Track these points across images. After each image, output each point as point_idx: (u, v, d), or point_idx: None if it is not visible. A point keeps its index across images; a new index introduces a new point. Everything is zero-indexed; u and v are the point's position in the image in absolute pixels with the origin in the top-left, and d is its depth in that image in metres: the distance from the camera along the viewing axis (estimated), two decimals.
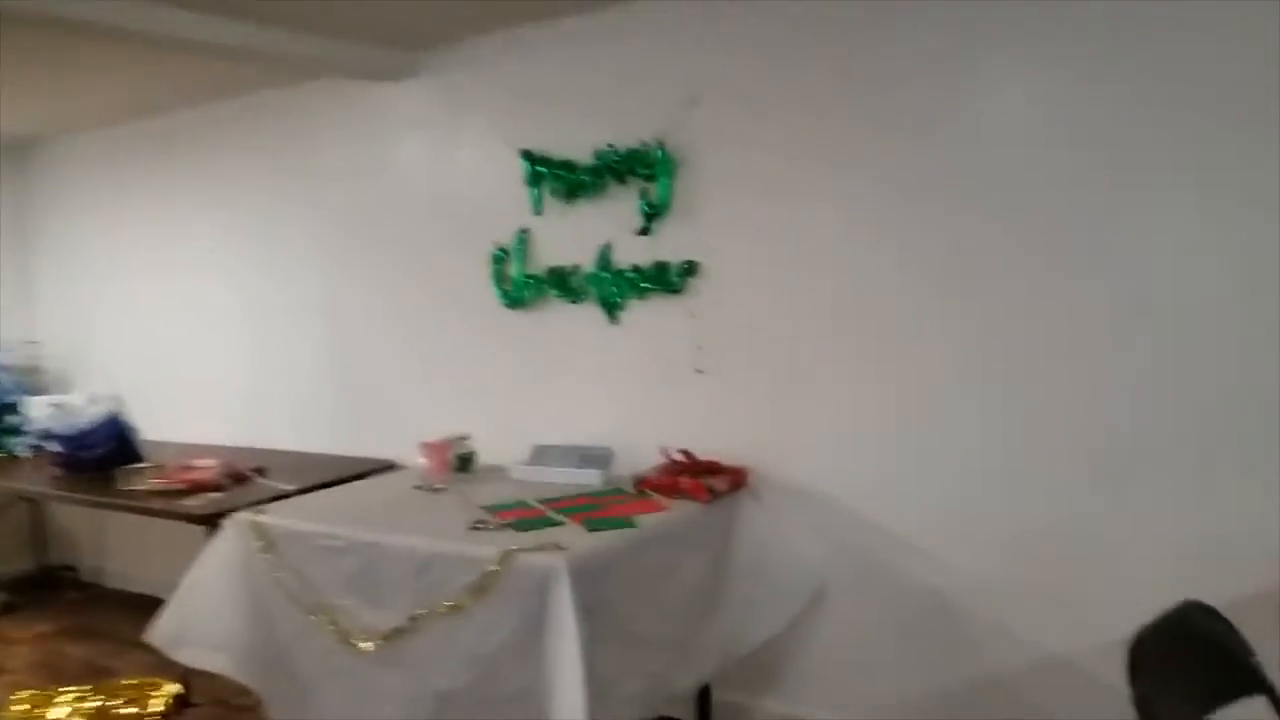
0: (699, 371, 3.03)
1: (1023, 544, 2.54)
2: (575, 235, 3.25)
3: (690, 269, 3.01)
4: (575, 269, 3.26)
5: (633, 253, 3.13)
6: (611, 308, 3.19)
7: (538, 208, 3.29)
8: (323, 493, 3.09)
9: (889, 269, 2.71)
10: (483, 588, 2.18)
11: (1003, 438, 2.57)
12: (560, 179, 3.22)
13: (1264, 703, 1.40)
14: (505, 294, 3.41)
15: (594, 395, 3.28)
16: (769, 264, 2.90)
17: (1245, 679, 1.37)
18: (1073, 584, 2.48)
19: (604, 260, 3.18)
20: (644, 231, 3.08)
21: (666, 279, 3.05)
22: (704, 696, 2.75)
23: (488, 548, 2.22)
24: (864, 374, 2.77)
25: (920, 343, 2.67)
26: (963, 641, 2.64)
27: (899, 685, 2.77)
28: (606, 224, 3.18)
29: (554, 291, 3.29)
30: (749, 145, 2.90)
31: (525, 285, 3.35)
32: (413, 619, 2.29)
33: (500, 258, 3.41)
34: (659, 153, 2.99)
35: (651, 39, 3.03)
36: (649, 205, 3.04)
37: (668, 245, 3.06)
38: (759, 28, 2.83)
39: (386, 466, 3.61)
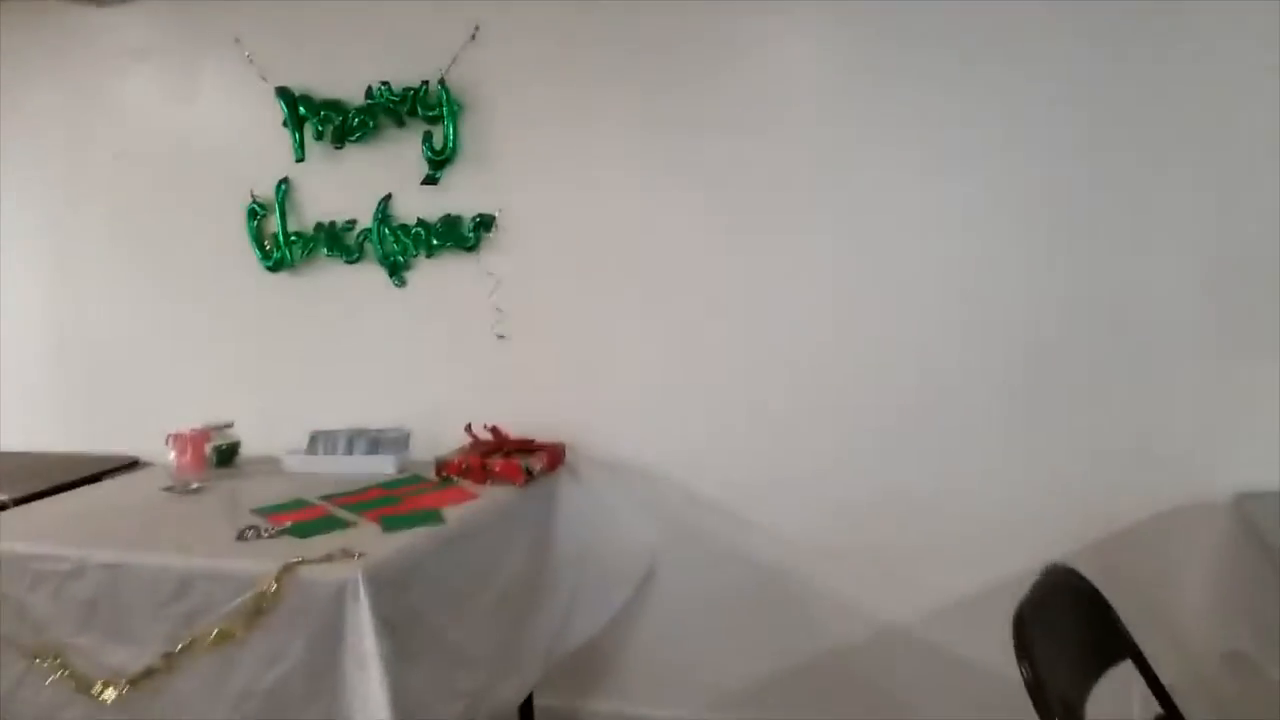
0: (501, 337, 2.73)
1: (853, 512, 2.46)
2: (348, 186, 2.83)
3: (485, 222, 2.69)
4: (350, 224, 2.84)
5: (418, 205, 2.76)
6: (396, 268, 2.81)
7: (300, 154, 2.83)
8: (48, 501, 2.53)
9: (693, 221, 2.53)
10: (258, 611, 1.80)
11: (826, 406, 2.47)
12: (326, 121, 2.78)
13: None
14: (266, 255, 2.94)
15: (382, 370, 2.90)
16: (570, 216, 2.64)
17: (1118, 643, 1.31)
18: (904, 551, 2.43)
19: (383, 213, 2.79)
20: (430, 180, 2.71)
21: (458, 234, 2.71)
22: (525, 704, 2.51)
23: (261, 561, 1.85)
24: (676, 337, 2.58)
25: (731, 306, 2.51)
26: (800, 618, 2.54)
27: (737, 669, 2.63)
28: (385, 173, 2.78)
29: (325, 251, 2.86)
30: (542, 83, 2.60)
31: (290, 244, 2.90)
32: (169, 656, 1.88)
33: (257, 212, 2.92)
34: (442, 92, 2.63)
35: None
36: (434, 151, 2.67)
37: (458, 196, 2.72)
38: None
39: (130, 464, 3.05)
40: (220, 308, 3.06)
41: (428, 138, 2.67)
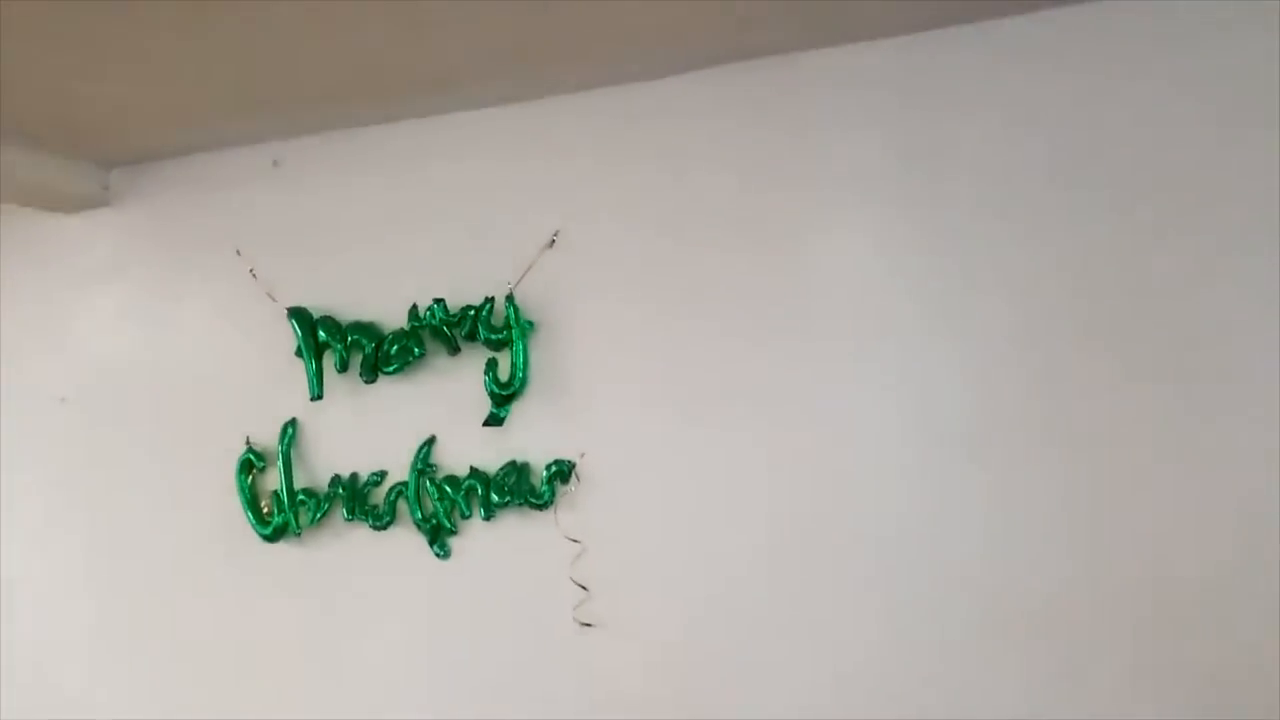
0: (585, 625, 2.05)
1: None
2: (379, 429, 2.21)
3: (562, 471, 2.07)
4: (379, 478, 2.20)
5: (472, 450, 2.14)
6: (439, 533, 2.15)
7: (317, 390, 2.22)
8: None
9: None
10: None
11: None
12: (355, 348, 2.19)
13: None
14: (264, 520, 2.25)
15: (418, 678, 2.17)
16: (673, 460, 2.04)
17: None
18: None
19: (425, 462, 2.16)
20: (494, 420, 2.11)
21: (527, 487, 2.08)
22: None
23: None
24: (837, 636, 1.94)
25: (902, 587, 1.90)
26: None
27: None
28: (428, 411, 2.18)
29: (345, 513, 2.19)
30: (631, 296, 2.07)
31: (297, 505, 2.22)
32: None
33: (253, 465, 2.26)
34: (511, 309, 2.08)
35: (492, 153, 2.17)
36: (498, 384, 2.09)
37: (526, 437, 2.11)
38: (627, 146, 2.09)
39: None
40: (198, 592, 2.33)
41: (491, 366, 2.09)
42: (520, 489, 2.08)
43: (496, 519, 2.11)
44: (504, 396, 2.08)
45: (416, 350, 2.14)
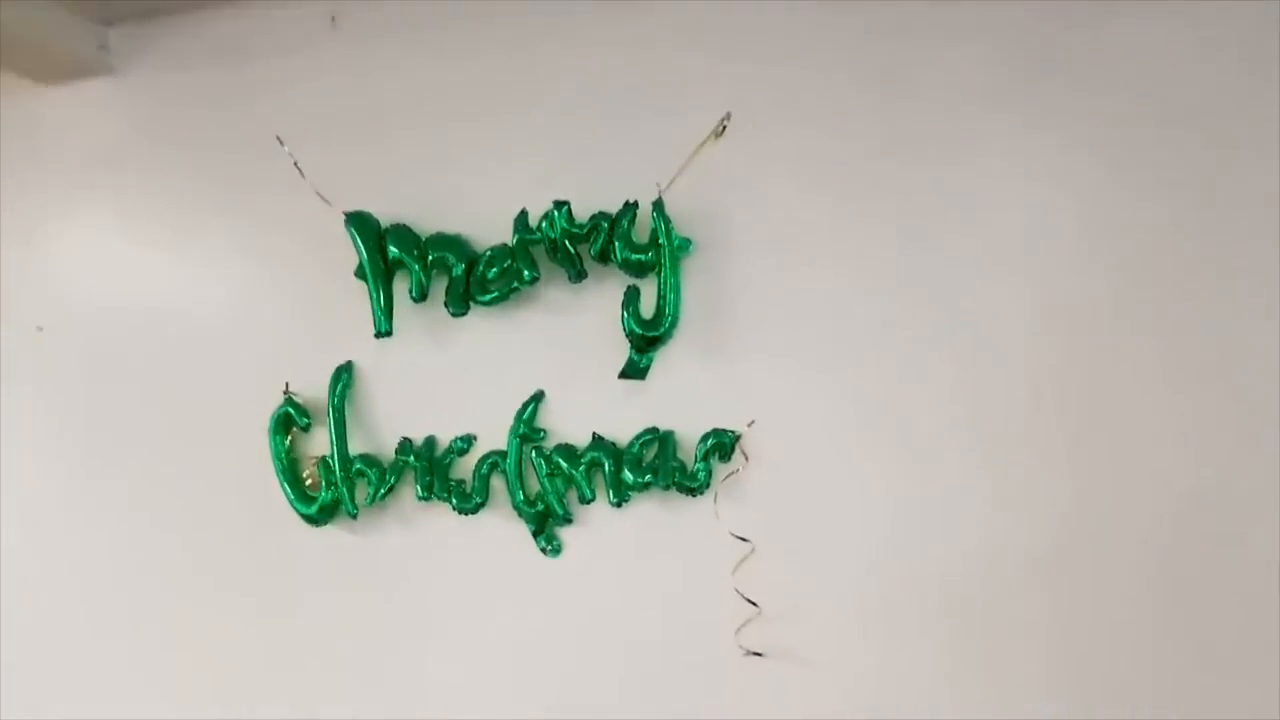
0: (753, 655, 1.51)
1: None
2: (468, 378, 1.66)
3: (722, 444, 1.52)
4: (465, 444, 1.64)
5: (595, 411, 1.59)
6: (546, 522, 1.60)
7: (385, 324, 1.65)
8: None
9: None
10: None
11: None
12: (439, 269, 1.62)
13: None
14: (306, 497, 1.69)
15: (504, 708, 1.63)
16: (886, 429, 1.49)
17: None
18: None
19: (529, 426, 1.60)
20: (634, 371, 1.55)
21: (672, 464, 1.53)
22: None
23: None
24: None
25: None
26: None
27: None
28: (539, 355, 1.63)
29: (419, 491, 1.64)
30: (809, 210, 1.52)
31: (352, 476, 1.67)
32: None
33: (293, 422, 1.70)
34: (659, 220, 1.51)
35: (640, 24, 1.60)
36: (641, 322, 1.53)
37: (672, 397, 1.56)
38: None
39: None
40: (221, 593, 1.78)
41: (631, 298, 1.53)
42: (664, 466, 1.53)
43: (629, 506, 1.56)
44: (647, 339, 1.52)
45: (526, 273, 1.57)
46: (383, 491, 1.65)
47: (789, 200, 1.53)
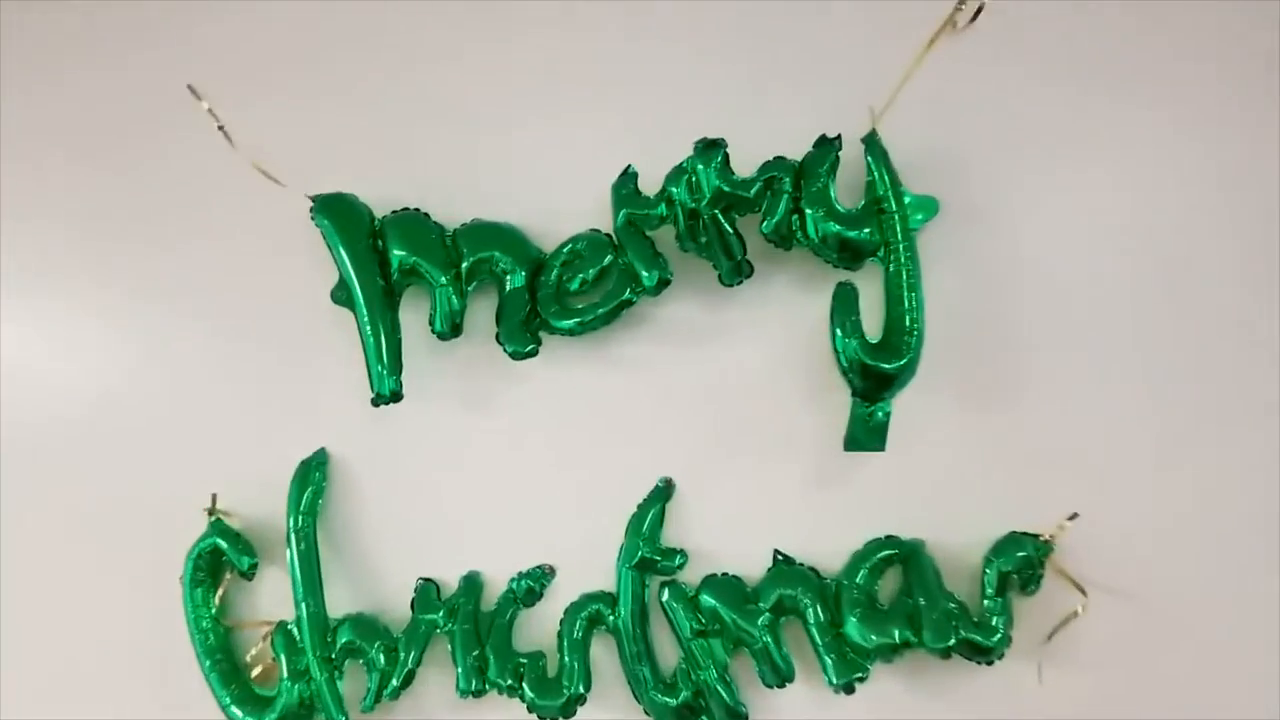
0: None
1: None
2: (534, 462, 0.95)
3: (1031, 564, 0.83)
4: (536, 583, 0.93)
5: (780, 514, 0.90)
6: None
7: (386, 382, 0.92)
8: None
9: None
10: None
11: None
12: (484, 279, 0.93)
13: None
14: (254, 699, 0.94)
15: None
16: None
17: None
18: None
19: (653, 543, 0.90)
20: (865, 435, 0.85)
21: (946, 609, 0.83)
22: None
23: None
24: None
25: None
26: None
27: None
28: (667, 417, 0.93)
29: (465, 678, 0.90)
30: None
31: (336, 655, 0.92)
32: None
33: (226, 562, 0.96)
34: (877, 168, 0.85)
35: None
36: (866, 348, 0.83)
37: (913, 479, 0.88)
38: None
39: None
40: None
41: (845, 304, 0.84)
42: (930, 611, 0.83)
43: (866, 689, 0.85)
44: (881, 377, 0.84)
45: (645, 275, 0.88)
46: (395, 683, 0.91)
47: (1104, 124, 0.89)
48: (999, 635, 0.82)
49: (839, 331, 0.83)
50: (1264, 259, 0.87)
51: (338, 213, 0.94)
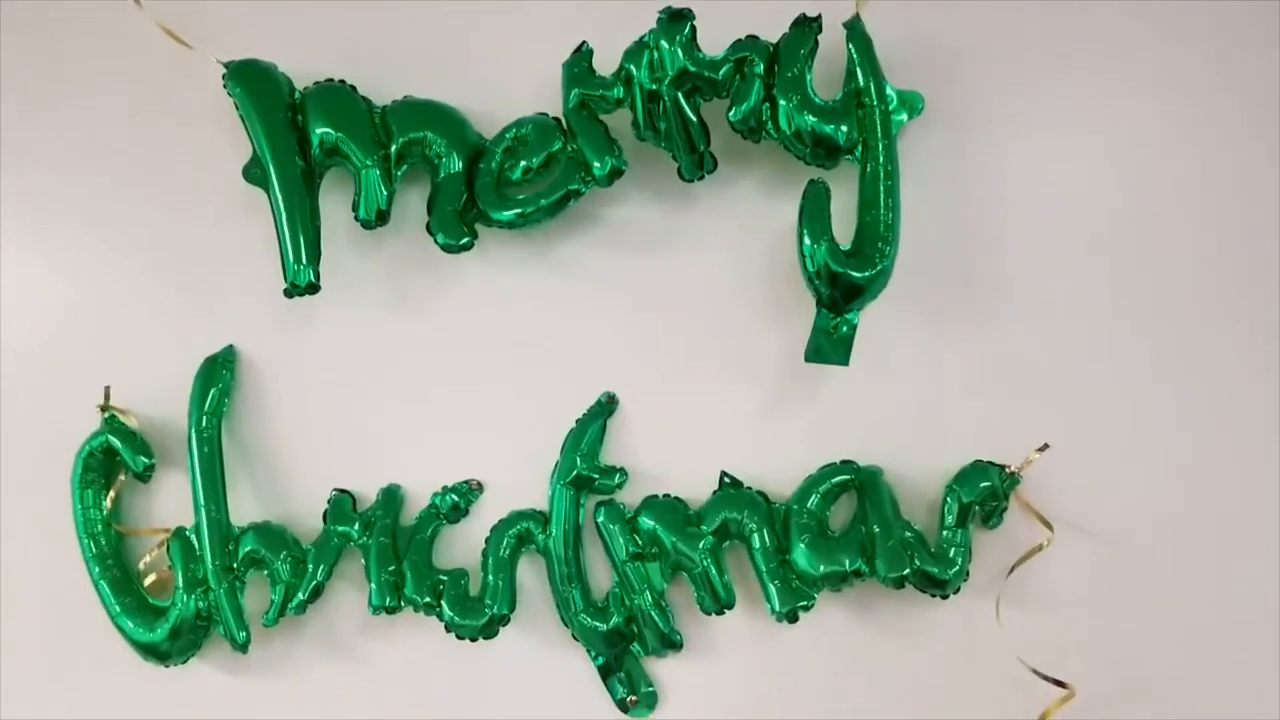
0: None
1: None
2: (464, 369, 0.86)
3: (992, 494, 0.77)
4: (462, 499, 0.85)
5: (730, 434, 0.83)
6: (628, 649, 0.83)
7: (301, 271, 0.82)
8: None
9: None
10: None
11: None
12: (415, 162, 0.83)
13: None
14: (147, 608, 0.86)
15: None
16: None
17: None
18: None
19: (592, 461, 0.83)
20: (830, 348, 0.78)
21: (902, 537, 0.77)
22: None
23: None
24: None
25: None
26: None
27: None
28: (613, 324, 0.85)
29: (379, 594, 0.82)
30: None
31: (238, 566, 0.84)
32: None
33: (119, 462, 0.87)
34: (857, 56, 0.77)
35: None
36: (835, 254, 0.75)
37: (877, 402, 0.81)
38: None
39: None
40: None
41: (816, 203, 0.76)
42: (884, 539, 0.77)
43: (810, 619, 0.79)
44: (848, 286, 0.76)
45: (595, 164, 0.79)
46: (301, 597, 0.83)
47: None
48: (956, 568, 0.76)
49: (807, 234, 0.75)
50: (1251, 182, 0.81)
51: (253, 81, 0.84)
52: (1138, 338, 0.81)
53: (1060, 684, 0.75)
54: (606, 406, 0.85)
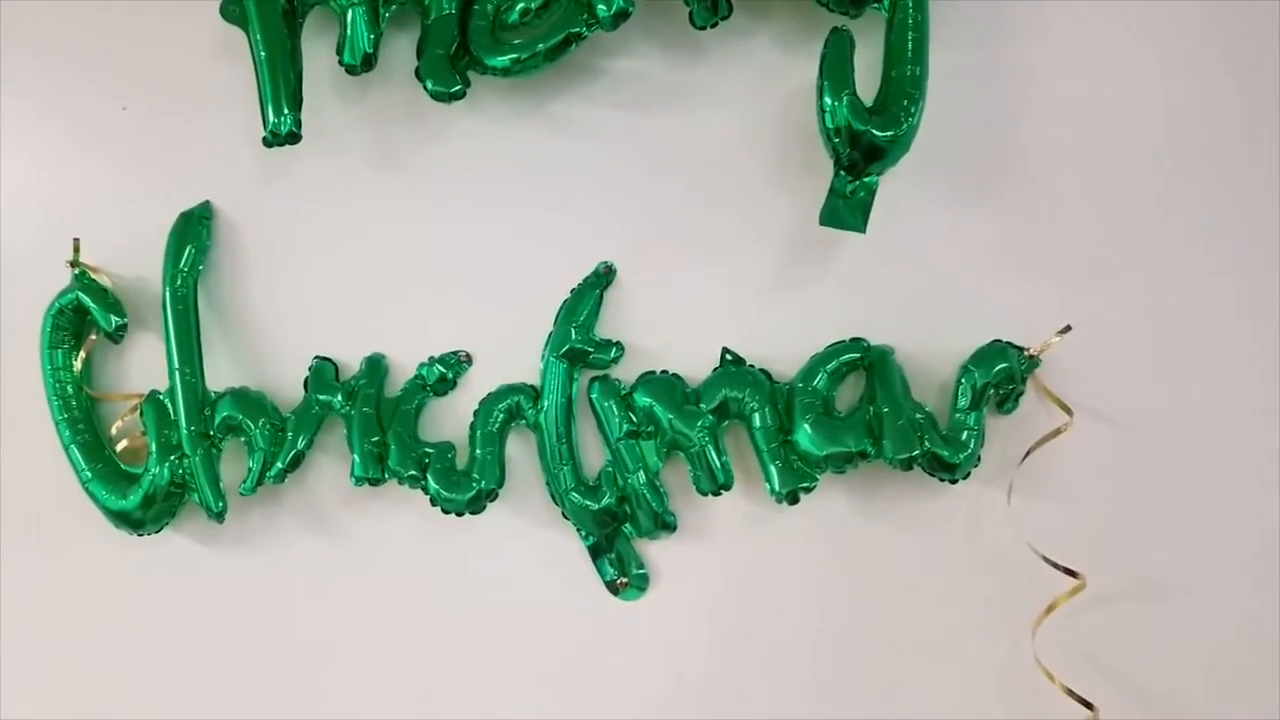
0: None
1: None
2: (453, 232, 0.81)
3: (1010, 376, 0.73)
4: (449, 370, 0.81)
5: (734, 307, 0.78)
6: (619, 530, 0.79)
7: (282, 120, 0.77)
8: None
9: None
10: None
11: None
12: (406, 7, 0.78)
13: None
14: (119, 475, 0.82)
15: None
16: None
17: None
18: None
19: (586, 333, 0.78)
20: (846, 213, 0.72)
21: (912, 418, 0.73)
22: None
23: None
24: None
25: None
26: None
27: None
28: (613, 186, 0.80)
29: (362, 464, 0.78)
30: None
31: (214, 433, 0.81)
32: None
33: (89, 321, 0.82)
34: None
35: None
36: (856, 111, 0.70)
37: (891, 277, 0.76)
38: None
39: None
40: None
41: (839, 53, 0.70)
42: (893, 420, 0.72)
43: (810, 501, 0.75)
44: (870, 146, 0.70)
45: (599, 6, 0.73)
46: (280, 465, 0.79)
47: None
48: (968, 451, 0.72)
49: (828, 87, 0.70)
50: (1270, 80, 0.75)
51: None
52: (1169, 228, 0.76)
53: (1071, 573, 0.72)
54: (604, 276, 0.80)
